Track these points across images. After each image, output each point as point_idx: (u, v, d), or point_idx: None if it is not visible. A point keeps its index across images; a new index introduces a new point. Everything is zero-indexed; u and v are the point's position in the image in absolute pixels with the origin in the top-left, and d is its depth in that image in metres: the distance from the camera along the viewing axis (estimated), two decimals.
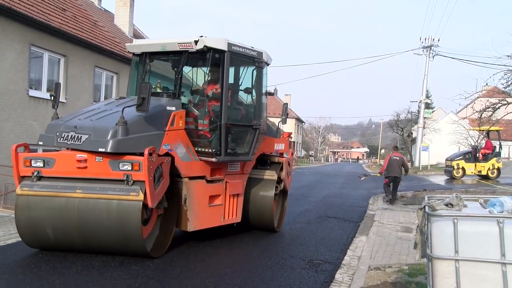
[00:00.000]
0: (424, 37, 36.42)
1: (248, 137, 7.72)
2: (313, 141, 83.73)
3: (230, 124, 7.21)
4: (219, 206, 7.40)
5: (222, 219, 7.47)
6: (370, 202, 14.27)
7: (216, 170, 7.36)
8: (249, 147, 7.69)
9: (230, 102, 7.58)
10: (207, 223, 7.20)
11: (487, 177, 23.43)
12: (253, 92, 7.99)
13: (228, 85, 7.19)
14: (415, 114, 43.77)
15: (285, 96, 72.40)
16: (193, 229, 6.83)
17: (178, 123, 6.66)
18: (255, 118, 7.85)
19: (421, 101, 37.68)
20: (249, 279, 5.79)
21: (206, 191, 7.14)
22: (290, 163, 9.27)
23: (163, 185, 6.20)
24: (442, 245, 3.15)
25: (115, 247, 6.09)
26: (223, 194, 7.47)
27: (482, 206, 3.56)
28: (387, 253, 7.35)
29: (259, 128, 7.72)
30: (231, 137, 7.25)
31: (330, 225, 9.98)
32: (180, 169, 6.64)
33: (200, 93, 7.41)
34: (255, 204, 8.26)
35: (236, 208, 7.80)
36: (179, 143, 6.64)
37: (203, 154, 7.01)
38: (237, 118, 7.66)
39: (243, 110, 7.92)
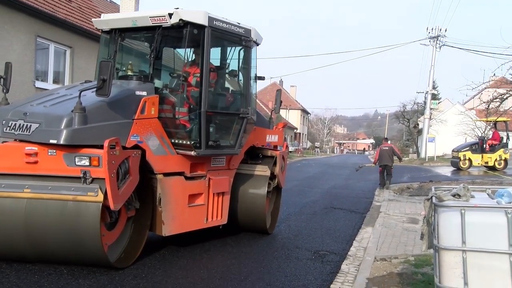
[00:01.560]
0: (431, 28, 36.22)
1: (234, 128, 6.76)
2: (319, 133, 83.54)
3: (212, 112, 6.33)
4: (200, 207, 6.48)
5: (204, 221, 6.57)
6: (376, 193, 14.26)
7: (197, 165, 6.47)
8: (236, 139, 6.73)
9: (213, 87, 6.68)
10: (187, 226, 6.30)
11: (494, 168, 23.32)
12: (239, 76, 7.06)
13: (209, 67, 6.27)
14: (421, 105, 43.54)
15: (290, 87, 72.40)
16: (169, 233, 5.97)
17: (150, 110, 5.75)
18: (242, 106, 6.83)
19: (427, 92, 37.46)
20: (255, 270, 5.82)
21: (185, 189, 6.23)
22: (285, 157, 8.28)
23: (131, 183, 5.31)
24: (449, 236, 3.15)
25: (70, 257, 5.20)
26: (205, 192, 6.54)
27: (490, 197, 3.55)
28: (393, 244, 7.34)
29: (246, 117, 6.73)
30: (213, 127, 6.41)
31: (336, 216, 9.98)
32: (152, 164, 5.74)
33: (178, 76, 6.37)
34: (244, 203, 7.33)
35: (222, 208, 6.86)
36: (151, 134, 5.73)
37: (180, 147, 6.14)
38: (221, 106, 6.83)
39: (228, 96, 7.02)
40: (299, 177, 19.54)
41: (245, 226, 7.58)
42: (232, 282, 5.29)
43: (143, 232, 5.81)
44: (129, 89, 5.81)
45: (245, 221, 7.46)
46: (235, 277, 5.48)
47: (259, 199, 7.33)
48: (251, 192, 7.38)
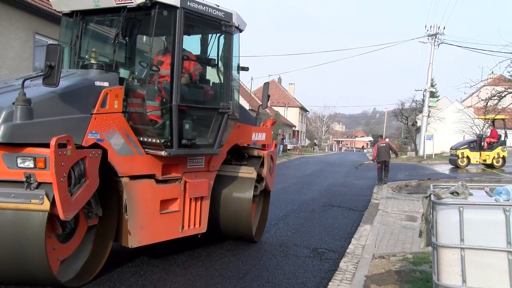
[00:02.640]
0: (429, 25, 36.21)
1: (213, 124, 5.98)
2: (317, 130, 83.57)
3: (186, 106, 5.54)
4: (175, 213, 5.75)
5: (180, 229, 5.83)
6: (375, 191, 14.28)
7: (170, 167, 5.72)
8: (215, 137, 5.95)
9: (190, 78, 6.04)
10: (158, 235, 5.57)
11: (492, 166, 23.37)
12: (219, 66, 6.24)
13: (182, 54, 5.50)
14: (419, 103, 43.56)
15: (289, 85, 72.31)
16: (137, 245, 5.25)
17: (113, 103, 4.98)
18: (222, 100, 6.02)
19: (426, 89, 37.49)
20: (254, 267, 5.83)
21: (156, 194, 5.47)
22: (274, 157, 7.50)
23: (87, 188, 4.56)
24: (448, 234, 3.15)
25: (12, 276, 4.46)
26: (180, 197, 5.79)
27: (488, 195, 3.55)
28: (392, 242, 7.36)
29: (227, 113, 5.97)
30: (188, 123, 5.60)
31: (334, 214, 10.00)
32: (116, 165, 4.99)
33: (149, 66, 5.62)
34: (228, 209, 6.63)
35: (200, 214, 6.10)
36: (114, 131, 4.96)
37: (149, 146, 5.40)
38: (197, 99, 6.04)
39: (206, 88, 6.21)
40: (297, 175, 19.56)
41: (229, 233, 6.90)
42: (230, 279, 5.30)
43: (106, 243, 5.08)
44: (87, 79, 5.02)
45: (228, 228, 6.77)
46: (233, 274, 5.49)
47: (244, 203, 6.60)
48: (235, 196, 6.64)
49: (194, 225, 6.04)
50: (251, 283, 5.25)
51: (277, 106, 59.30)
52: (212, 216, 6.43)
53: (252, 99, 44.51)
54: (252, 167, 6.80)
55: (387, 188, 14.86)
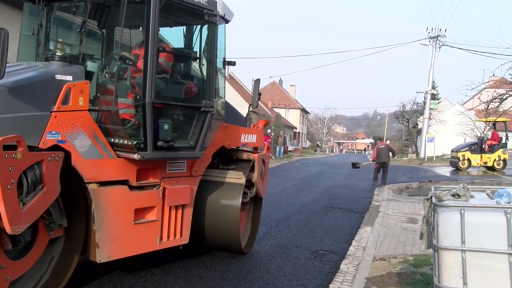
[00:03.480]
0: (430, 28, 36.36)
1: (195, 124, 5.37)
2: (318, 132, 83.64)
3: (162, 104, 4.95)
4: (152, 223, 5.12)
5: (157, 241, 5.20)
6: (375, 193, 14.27)
7: (146, 172, 5.09)
8: (196, 139, 5.33)
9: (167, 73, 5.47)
10: (131, 249, 4.93)
11: (493, 168, 23.37)
12: (202, 60, 5.66)
13: (158, 46, 4.87)
14: (421, 105, 43.60)
15: (290, 86, 72.40)
16: (107, 259, 4.62)
17: (77, 100, 4.35)
18: (205, 97, 5.43)
19: (427, 92, 37.56)
20: (254, 269, 5.83)
21: (130, 202, 4.85)
22: (266, 161, 6.89)
23: (45, 196, 3.95)
24: (449, 236, 3.15)
25: None
26: (158, 205, 5.16)
27: (489, 197, 3.55)
28: (392, 244, 7.35)
29: (210, 111, 5.34)
30: (165, 123, 5.02)
31: (335, 216, 9.99)
32: (81, 170, 4.37)
33: (122, 59, 4.96)
34: (214, 218, 6.01)
35: (181, 224, 5.47)
36: (78, 131, 4.35)
37: (121, 149, 4.76)
38: (176, 96, 5.36)
39: (187, 85, 5.51)
40: (298, 176, 19.56)
41: (216, 244, 6.32)
42: (231, 281, 5.30)
43: (71, 258, 4.49)
44: (47, 72, 4.36)
45: (215, 239, 6.16)
46: (234, 276, 5.48)
47: (232, 212, 5.98)
48: (222, 203, 6.03)
49: (174, 236, 5.39)
50: (252, 285, 5.24)
51: (278, 108, 59.34)
52: (197, 225, 5.85)
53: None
54: (241, 172, 6.17)
55: (388, 190, 14.85)
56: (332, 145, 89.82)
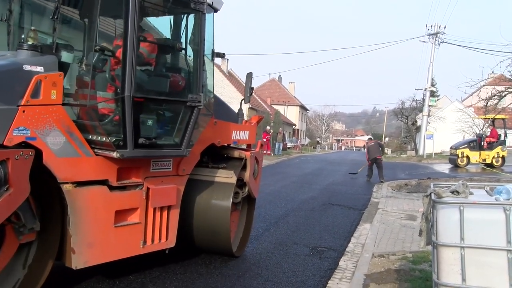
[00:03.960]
0: (430, 25, 36.22)
1: (180, 120, 5.00)
2: (317, 129, 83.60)
3: (143, 98, 4.57)
4: (134, 226, 4.79)
5: (141, 245, 4.86)
6: (374, 190, 14.28)
7: (128, 171, 4.77)
8: (182, 136, 4.95)
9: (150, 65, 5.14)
10: (111, 253, 4.60)
11: (492, 165, 23.40)
12: (188, 51, 5.25)
13: (138, 35, 4.46)
14: (420, 102, 43.59)
15: (289, 83, 72.29)
16: (83, 265, 4.31)
17: (49, 93, 3.99)
18: (191, 91, 5.01)
19: (426, 89, 37.51)
20: (254, 266, 5.83)
21: (110, 204, 4.53)
22: (259, 159, 6.56)
23: (11, 198, 3.66)
24: (448, 232, 3.15)
25: None
26: (142, 207, 4.84)
27: (488, 194, 3.55)
28: (391, 241, 7.36)
29: (197, 107, 4.95)
30: (147, 119, 4.71)
31: (334, 213, 10.00)
32: (54, 169, 4.02)
33: (101, 49, 4.56)
34: (202, 219, 5.70)
35: (167, 227, 5.16)
36: (51, 127, 4.01)
37: (99, 146, 4.45)
38: (159, 90, 4.97)
39: (172, 78, 5.14)
40: (297, 173, 19.56)
41: (205, 247, 6.03)
42: (230, 278, 5.31)
43: (44, 264, 4.19)
44: (14, 62, 3.98)
45: (204, 241, 5.86)
46: (233, 273, 5.49)
47: (222, 213, 5.66)
48: (211, 204, 5.71)
49: (159, 239, 5.07)
50: (251, 281, 5.25)
51: (277, 105, 59.32)
52: (185, 228, 5.57)
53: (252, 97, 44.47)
54: (232, 171, 5.85)
55: (387, 187, 14.87)
56: (331, 142, 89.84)
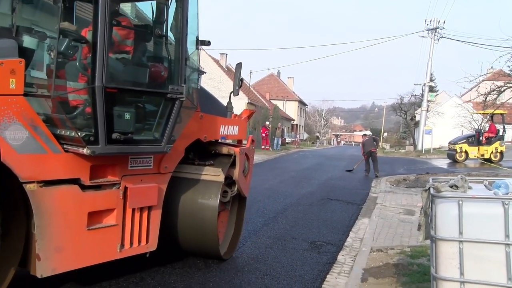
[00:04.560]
0: (429, 19, 36.20)
1: (160, 114, 4.54)
2: (316, 124, 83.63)
3: (117, 89, 4.08)
4: (110, 229, 4.37)
5: (118, 248, 4.44)
6: (373, 185, 14.30)
7: (103, 169, 4.31)
8: (162, 130, 4.50)
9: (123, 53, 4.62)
10: (84, 259, 4.18)
11: (490, 160, 23.45)
12: (169, 38, 4.72)
13: (111, 18, 4.01)
14: (418, 98, 43.61)
15: (288, 78, 72.22)
16: (51, 273, 3.90)
17: (7, 82, 3.61)
18: (172, 82, 4.53)
19: (425, 84, 37.49)
20: (252, 260, 5.84)
21: (82, 205, 4.09)
22: (249, 156, 6.11)
23: None
24: (447, 227, 3.15)
25: None
26: (119, 207, 4.40)
27: (487, 188, 3.55)
28: (389, 235, 7.38)
29: (179, 99, 4.49)
30: (122, 112, 4.17)
31: (332, 208, 10.01)
32: (15, 167, 3.63)
33: (69, 35, 4.07)
34: (188, 220, 5.30)
35: (147, 229, 4.73)
36: (10, 120, 3.62)
37: (69, 142, 4.02)
38: (137, 80, 4.49)
39: (153, 67, 4.67)
40: (296, 168, 19.57)
41: (191, 250, 5.64)
42: (229, 272, 5.31)
43: (5, 271, 3.82)
44: None
45: (189, 243, 5.46)
46: (231, 267, 5.50)
47: (208, 213, 5.24)
48: (197, 204, 5.30)
49: (139, 242, 4.66)
50: (249, 275, 5.26)
51: (276, 100, 59.27)
52: (168, 229, 5.22)
53: (251, 92, 44.44)
54: (220, 168, 5.44)
55: (385, 182, 14.89)
56: (329, 137, 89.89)
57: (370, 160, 17.37)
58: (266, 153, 27.93)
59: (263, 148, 30.08)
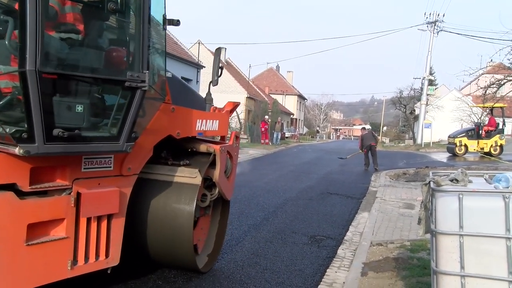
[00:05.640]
0: (428, 13, 36.19)
1: (118, 106, 3.76)
2: (315, 118, 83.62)
3: (57, 74, 3.26)
4: (58, 243, 3.60)
5: (68, 266, 3.67)
6: (372, 179, 14.30)
7: (48, 171, 3.55)
8: (120, 126, 3.72)
9: (71, 33, 3.69)
10: (23, 280, 3.41)
11: (490, 154, 23.46)
12: (126, 15, 3.86)
13: None
14: (418, 91, 43.58)
15: (287, 72, 72.12)
16: None
17: None
18: (132, 68, 3.73)
19: (424, 77, 37.47)
20: (252, 255, 5.84)
21: (19, 215, 3.34)
22: (233, 154, 5.37)
23: None
24: (447, 221, 3.14)
25: None
26: (70, 217, 3.65)
27: (487, 182, 3.53)
28: (389, 229, 7.38)
29: (140, 88, 3.71)
30: (67, 102, 3.37)
31: (332, 202, 10.01)
32: None
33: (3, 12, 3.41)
34: (160, 228, 4.58)
35: (107, 241, 4.01)
36: None
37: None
38: (85, 65, 3.64)
39: (108, 50, 3.85)
40: (295, 162, 19.58)
41: (164, 261, 4.93)
42: (228, 266, 5.31)
43: None
44: None
45: (162, 255, 4.77)
46: (231, 262, 5.50)
47: (183, 220, 4.52)
48: (170, 210, 4.59)
49: (96, 256, 3.93)
50: (249, 270, 5.25)
51: (275, 94, 59.19)
52: (137, 239, 4.60)
53: (250, 86, 44.36)
54: (197, 169, 4.69)
55: (385, 176, 14.90)
56: (329, 131, 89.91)
57: (369, 154, 17.40)
58: (265, 147, 27.93)
59: (263, 143, 30.08)
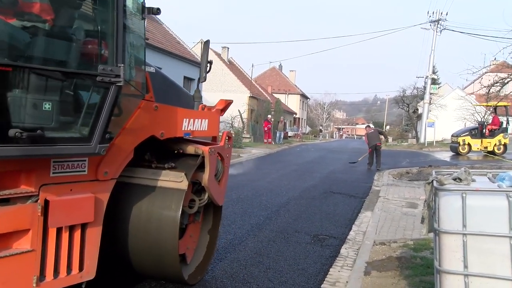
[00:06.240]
0: (432, 11, 36.03)
1: (89, 103, 3.35)
2: (318, 117, 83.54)
3: (11, 66, 2.83)
4: (21, 256, 3.14)
5: (33, 282, 3.20)
6: (375, 178, 14.29)
7: (10, 176, 3.13)
8: (92, 125, 3.31)
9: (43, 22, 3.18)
10: None
11: (493, 153, 23.38)
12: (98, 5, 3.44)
13: None
14: (421, 90, 43.52)
15: (290, 72, 72.05)
16: None
17: None
18: (104, 61, 3.34)
19: (427, 76, 37.38)
20: (255, 254, 5.84)
21: None
22: (224, 156, 4.92)
23: None
24: (450, 220, 3.13)
25: None
26: (36, 227, 3.19)
27: (491, 181, 3.53)
28: (392, 228, 7.37)
29: (115, 83, 3.31)
30: (26, 99, 2.96)
31: (335, 201, 10.00)
32: None
33: None
34: (143, 237, 4.19)
35: (81, 253, 3.57)
36: None
37: None
38: (48, 56, 3.18)
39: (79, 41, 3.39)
40: (298, 161, 19.57)
41: (148, 273, 4.47)
42: (231, 265, 5.31)
43: None
44: None
45: (144, 266, 4.35)
46: (234, 261, 5.50)
47: (167, 227, 4.14)
48: (154, 216, 4.18)
49: (68, 270, 3.47)
50: (252, 269, 5.26)
51: (278, 93, 59.22)
52: (117, 249, 4.24)
53: (253, 86, 44.34)
54: (183, 172, 4.28)
55: (388, 175, 14.88)
56: (332, 130, 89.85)
57: (374, 153, 17.36)
58: (268, 146, 27.94)
59: (266, 142, 30.10)
